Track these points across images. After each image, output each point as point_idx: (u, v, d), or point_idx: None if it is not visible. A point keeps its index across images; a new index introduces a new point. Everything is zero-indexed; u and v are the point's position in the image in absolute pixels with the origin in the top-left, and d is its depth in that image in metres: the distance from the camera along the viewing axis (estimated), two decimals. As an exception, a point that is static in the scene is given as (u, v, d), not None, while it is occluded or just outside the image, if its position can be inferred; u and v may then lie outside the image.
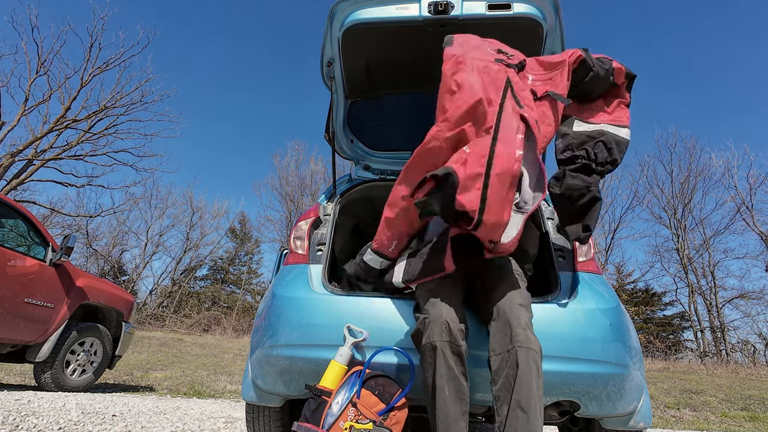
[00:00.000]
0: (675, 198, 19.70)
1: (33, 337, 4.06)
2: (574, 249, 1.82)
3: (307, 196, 23.25)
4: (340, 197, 2.17)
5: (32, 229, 4.38)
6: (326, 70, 2.17)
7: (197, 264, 25.81)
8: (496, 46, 1.61)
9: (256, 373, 1.70)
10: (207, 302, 24.17)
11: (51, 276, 4.23)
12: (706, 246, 18.68)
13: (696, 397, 6.33)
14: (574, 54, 1.58)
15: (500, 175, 1.23)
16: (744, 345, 16.18)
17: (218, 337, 15.31)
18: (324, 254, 1.83)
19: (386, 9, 1.90)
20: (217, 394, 5.33)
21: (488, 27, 1.94)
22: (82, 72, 17.53)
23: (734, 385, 7.53)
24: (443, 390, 1.28)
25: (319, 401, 1.40)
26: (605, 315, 1.56)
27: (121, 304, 5.09)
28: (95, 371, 4.73)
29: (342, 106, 2.43)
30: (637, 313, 19.05)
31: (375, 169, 2.58)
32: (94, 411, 2.92)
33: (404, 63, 2.26)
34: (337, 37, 2.00)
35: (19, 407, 2.72)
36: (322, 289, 1.69)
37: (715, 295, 18.07)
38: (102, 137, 18.20)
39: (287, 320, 1.60)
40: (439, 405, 1.27)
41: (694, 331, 18.61)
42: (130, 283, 22.88)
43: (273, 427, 1.90)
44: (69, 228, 20.97)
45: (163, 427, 2.73)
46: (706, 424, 4.92)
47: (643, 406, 1.63)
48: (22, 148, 16.43)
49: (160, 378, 6.35)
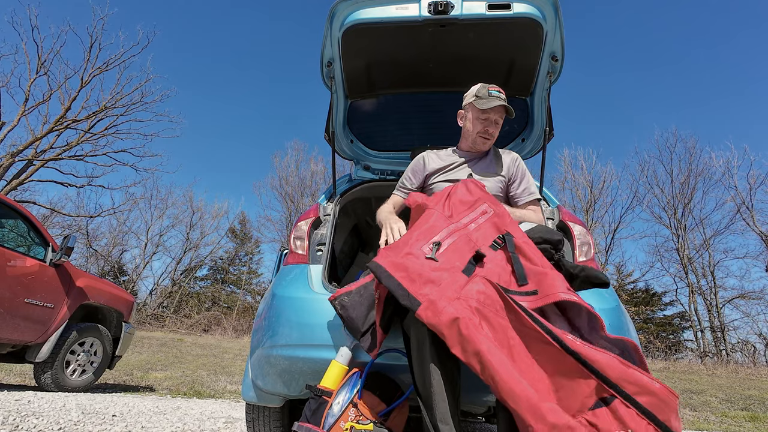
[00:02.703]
0: (675, 198, 19.73)
1: (33, 337, 4.06)
2: (573, 249, 1.82)
3: (307, 196, 23.28)
4: (340, 197, 2.17)
5: (32, 229, 4.38)
6: (326, 70, 2.17)
7: (197, 264, 25.86)
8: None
9: (256, 373, 1.70)
10: (207, 302, 24.18)
11: (51, 276, 4.22)
12: (706, 246, 18.70)
13: (696, 397, 6.33)
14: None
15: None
16: (744, 345, 16.20)
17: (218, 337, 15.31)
18: (324, 254, 1.83)
19: (386, 9, 1.90)
20: (217, 395, 5.32)
21: (488, 27, 1.94)
22: (82, 72, 17.57)
23: (734, 385, 7.53)
24: (435, 372, 1.23)
25: (320, 401, 1.40)
26: (605, 315, 1.56)
27: (121, 305, 5.09)
28: (95, 371, 4.72)
29: (342, 106, 2.43)
30: (637, 313, 19.05)
31: (375, 169, 2.58)
32: (94, 411, 2.92)
33: (404, 63, 2.26)
34: (337, 37, 2.00)
35: (19, 407, 2.72)
36: (322, 289, 1.69)
37: (715, 295, 18.09)
38: (102, 137, 18.24)
39: (287, 320, 1.60)
40: (434, 389, 1.23)
41: (694, 331, 18.63)
42: (130, 283, 22.90)
43: (273, 427, 1.90)
44: (69, 228, 21.00)
45: (163, 427, 2.73)
46: (706, 424, 4.92)
47: (643, 406, 1.62)
48: (22, 148, 16.45)
49: (160, 378, 6.35)
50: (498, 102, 1.83)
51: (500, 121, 1.93)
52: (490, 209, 1.50)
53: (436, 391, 1.24)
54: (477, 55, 2.17)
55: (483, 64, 2.19)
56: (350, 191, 2.28)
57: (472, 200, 1.52)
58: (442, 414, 1.22)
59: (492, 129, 1.91)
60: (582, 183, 21.33)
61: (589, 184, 21.08)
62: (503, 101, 1.84)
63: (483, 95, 1.87)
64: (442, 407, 1.22)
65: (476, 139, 1.94)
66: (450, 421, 1.21)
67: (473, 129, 1.93)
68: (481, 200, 1.52)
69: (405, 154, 2.54)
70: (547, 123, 2.20)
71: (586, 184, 21.12)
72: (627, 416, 0.97)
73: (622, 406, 0.98)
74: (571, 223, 1.86)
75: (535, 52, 2.04)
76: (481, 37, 2.02)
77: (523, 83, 2.27)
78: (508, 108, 1.84)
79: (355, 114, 2.54)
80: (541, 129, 2.36)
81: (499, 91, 1.87)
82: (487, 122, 1.90)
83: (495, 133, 1.94)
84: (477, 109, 1.90)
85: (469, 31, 1.98)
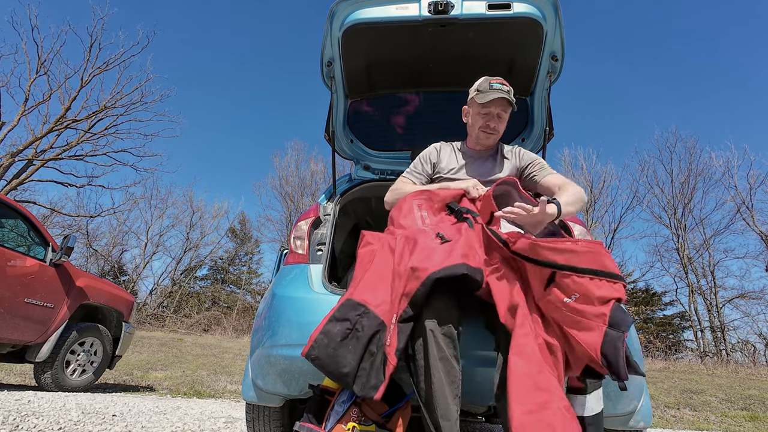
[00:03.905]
0: (675, 198, 19.72)
1: (33, 337, 4.06)
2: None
3: (307, 196, 23.27)
4: (340, 197, 2.16)
5: (32, 229, 4.38)
6: (326, 70, 2.16)
7: (197, 264, 25.86)
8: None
9: (256, 373, 1.70)
10: (207, 302, 24.18)
11: (51, 276, 4.22)
12: (706, 246, 18.69)
13: (696, 397, 6.33)
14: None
15: None
16: (744, 345, 16.20)
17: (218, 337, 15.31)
18: (324, 254, 1.83)
19: (386, 9, 1.90)
20: (217, 394, 5.32)
21: (488, 27, 1.94)
22: (82, 72, 17.57)
23: (734, 385, 7.53)
24: (436, 370, 1.25)
25: (322, 401, 1.40)
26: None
27: (121, 304, 5.09)
28: (95, 371, 4.72)
29: (342, 106, 2.43)
30: (637, 312, 19.04)
31: (375, 169, 2.58)
32: (94, 411, 2.92)
33: (404, 63, 2.26)
34: (337, 36, 2.00)
35: (19, 407, 2.72)
36: (322, 288, 1.69)
37: (715, 295, 18.08)
38: (102, 137, 18.23)
39: (287, 320, 1.60)
40: (434, 386, 1.24)
41: (694, 331, 18.62)
42: (130, 283, 22.90)
43: (273, 427, 1.90)
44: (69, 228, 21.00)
45: (163, 427, 2.73)
46: (706, 424, 4.92)
47: (643, 405, 1.62)
48: (22, 148, 16.44)
49: (160, 378, 6.35)
50: (497, 95, 1.76)
51: (504, 115, 1.86)
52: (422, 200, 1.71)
53: (437, 389, 1.24)
54: (477, 55, 2.17)
55: (483, 64, 2.19)
56: (350, 191, 2.28)
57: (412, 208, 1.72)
58: (443, 411, 1.22)
59: (494, 123, 1.85)
60: (582, 183, 21.31)
61: (589, 184, 21.09)
62: (504, 93, 1.77)
63: (484, 89, 1.82)
64: (443, 404, 1.22)
65: (479, 135, 1.91)
66: (451, 417, 1.22)
67: (475, 124, 1.90)
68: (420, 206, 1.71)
69: (405, 154, 2.54)
70: (547, 123, 2.19)
71: (586, 184, 21.12)
72: (570, 284, 1.20)
73: (562, 278, 1.21)
74: (571, 222, 1.86)
75: (535, 52, 2.04)
76: (481, 36, 2.02)
77: (523, 83, 2.27)
78: (510, 100, 1.79)
79: (355, 114, 2.54)
80: (541, 129, 2.36)
81: (501, 83, 1.81)
82: (488, 116, 1.85)
83: (498, 127, 1.87)
84: (477, 104, 1.85)
85: (469, 30, 1.97)
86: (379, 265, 1.44)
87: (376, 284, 1.38)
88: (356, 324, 1.28)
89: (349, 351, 1.25)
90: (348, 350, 1.25)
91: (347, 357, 1.24)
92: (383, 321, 1.30)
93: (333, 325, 1.28)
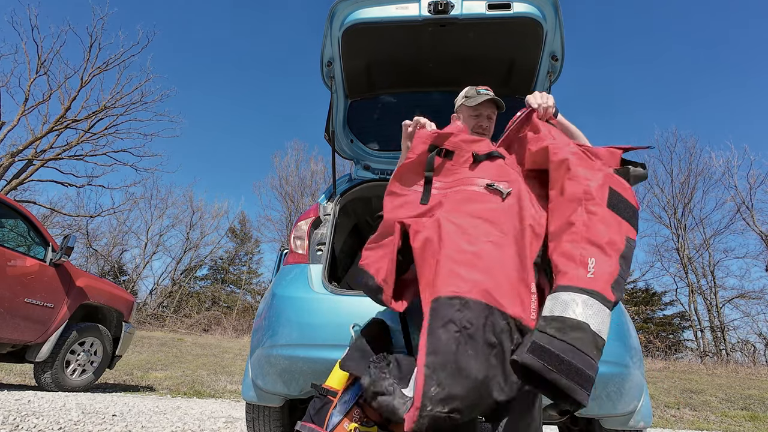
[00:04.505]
0: (675, 198, 19.72)
1: (33, 337, 4.06)
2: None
3: (307, 196, 23.27)
4: (340, 197, 2.16)
5: (32, 229, 4.38)
6: (326, 70, 2.16)
7: (197, 264, 25.85)
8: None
9: (256, 372, 1.70)
10: (207, 302, 24.18)
11: (51, 276, 4.22)
12: (706, 246, 18.70)
13: (696, 397, 6.33)
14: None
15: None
16: (744, 345, 16.21)
17: (218, 337, 15.32)
18: (324, 254, 1.83)
19: (386, 9, 1.90)
20: (217, 394, 5.33)
21: (488, 27, 1.94)
22: (82, 72, 17.56)
23: (734, 385, 7.53)
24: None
25: (324, 401, 1.40)
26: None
27: (121, 304, 5.09)
28: (95, 371, 4.73)
29: (342, 106, 2.43)
30: (637, 312, 19.05)
31: (375, 169, 2.58)
32: (94, 411, 2.92)
33: (404, 63, 2.26)
34: (337, 36, 2.00)
35: (19, 407, 2.72)
36: (322, 288, 1.69)
37: (715, 295, 18.08)
38: (102, 137, 18.23)
39: (287, 320, 1.61)
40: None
41: (694, 330, 18.62)
42: (130, 283, 22.89)
43: (273, 427, 1.90)
44: (69, 228, 20.99)
45: (164, 427, 2.73)
46: (706, 423, 4.92)
47: (643, 405, 1.63)
48: (22, 148, 16.45)
49: (160, 378, 6.35)
50: (485, 97, 1.83)
51: (492, 117, 1.92)
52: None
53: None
54: (477, 55, 2.17)
55: (483, 64, 2.19)
56: (350, 191, 2.28)
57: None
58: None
59: (485, 123, 1.90)
60: (582, 183, 21.27)
61: (589, 184, 21.04)
62: (491, 96, 1.84)
63: (471, 95, 1.89)
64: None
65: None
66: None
67: (467, 127, 1.94)
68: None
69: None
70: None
71: (586, 184, 21.06)
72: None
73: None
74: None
75: (535, 52, 2.04)
76: (481, 36, 2.02)
77: (523, 83, 2.27)
78: (498, 102, 1.84)
79: (355, 114, 2.54)
80: (541, 129, 2.35)
81: (486, 89, 1.89)
82: (479, 118, 1.89)
83: (489, 126, 1.92)
84: (467, 107, 1.90)
85: (469, 30, 1.97)
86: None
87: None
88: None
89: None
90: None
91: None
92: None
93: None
